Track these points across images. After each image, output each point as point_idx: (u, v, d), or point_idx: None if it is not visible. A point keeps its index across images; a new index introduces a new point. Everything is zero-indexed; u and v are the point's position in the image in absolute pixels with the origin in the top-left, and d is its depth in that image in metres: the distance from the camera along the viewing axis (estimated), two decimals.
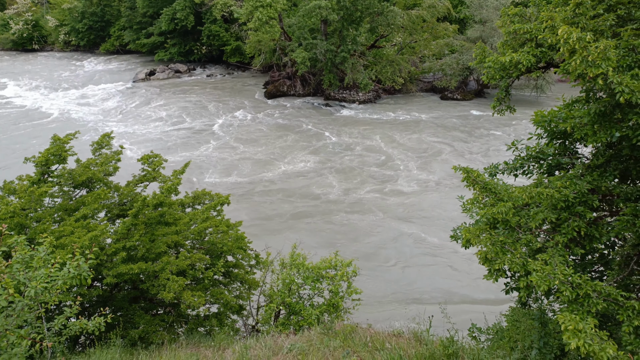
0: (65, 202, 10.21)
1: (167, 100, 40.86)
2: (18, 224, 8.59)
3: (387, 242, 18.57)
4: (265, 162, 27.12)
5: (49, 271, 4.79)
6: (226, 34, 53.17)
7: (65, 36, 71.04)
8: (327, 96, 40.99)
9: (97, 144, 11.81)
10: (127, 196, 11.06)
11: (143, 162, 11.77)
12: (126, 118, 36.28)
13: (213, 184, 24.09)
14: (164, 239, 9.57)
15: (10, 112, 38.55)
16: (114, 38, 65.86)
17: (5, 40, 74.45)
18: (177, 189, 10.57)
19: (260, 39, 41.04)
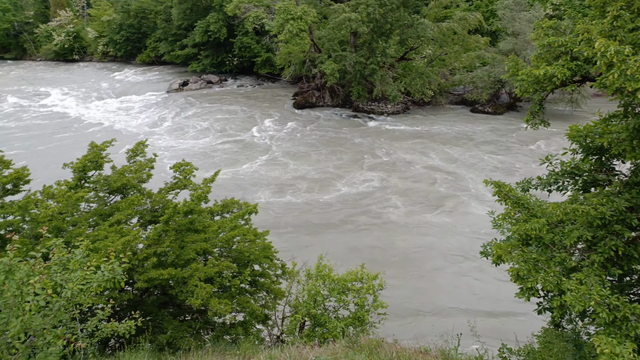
0: (100, 207, 10.55)
1: (201, 110, 41.78)
2: (56, 227, 8.92)
3: (414, 254, 18.33)
4: (319, 180, 25.86)
5: (84, 274, 4.95)
6: (257, 45, 54.16)
7: (103, 47, 73.87)
8: (356, 107, 41.08)
9: (132, 151, 12.17)
10: (159, 203, 11.33)
11: (175, 170, 12.04)
12: (163, 128, 37.19)
13: (267, 204, 22.88)
14: (193, 246, 9.74)
15: (51, 119, 40.23)
16: (150, 49, 68.01)
17: (48, 51, 78.01)
18: (207, 197, 10.76)
19: (290, 51, 41.62)
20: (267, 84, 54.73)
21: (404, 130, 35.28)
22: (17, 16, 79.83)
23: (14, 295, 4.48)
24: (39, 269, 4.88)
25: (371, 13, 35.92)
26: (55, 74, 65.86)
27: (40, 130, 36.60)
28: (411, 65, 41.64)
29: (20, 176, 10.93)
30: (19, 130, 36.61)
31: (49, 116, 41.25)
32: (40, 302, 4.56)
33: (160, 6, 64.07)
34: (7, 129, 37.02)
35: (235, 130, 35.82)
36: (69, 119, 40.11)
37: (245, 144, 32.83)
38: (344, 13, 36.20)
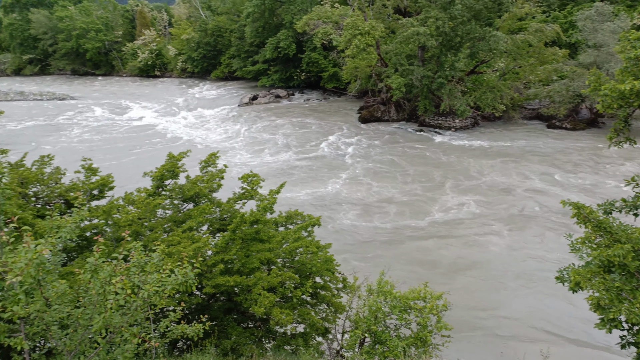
0: (175, 214, 11.19)
1: (270, 124, 43.14)
2: (135, 231, 9.58)
3: (484, 273, 17.53)
4: (408, 204, 24.17)
5: (160, 276, 5.27)
6: (324, 60, 55.19)
7: (182, 64, 78.92)
8: (422, 122, 40.39)
9: (205, 162, 12.82)
10: (227, 212, 11.81)
11: (243, 180, 12.50)
12: (236, 141, 38.73)
13: (353, 227, 21.64)
14: (258, 255, 10.01)
15: (133, 131, 43.45)
16: (224, 66, 71.66)
17: (133, 68, 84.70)
18: (272, 208, 11.04)
19: (356, 66, 41.94)
20: (333, 98, 55.41)
21: (480, 147, 33.78)
22: (108, 36, 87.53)
23: (98, 293, 4.86)
24: (120, 270, 5.25)
25: (440, 27, 35.35)
26: (138, 89, 71.27)
27: (124, 142, 39.60)
28: (482, 79, 40.30)
29: (106, 183, 11.90)
30: (106, 141, 39.86)
31: (132, 128, 44.56)
32: (120, 301, 4.91)
33: (235, 25, 67.43)
34: (96, 140, 40.46)
35: (306, 145, 35.97)
36: (149, 131, 43.07)
37: (320, 160, 32.32)
38: (412, 27, 35.95)
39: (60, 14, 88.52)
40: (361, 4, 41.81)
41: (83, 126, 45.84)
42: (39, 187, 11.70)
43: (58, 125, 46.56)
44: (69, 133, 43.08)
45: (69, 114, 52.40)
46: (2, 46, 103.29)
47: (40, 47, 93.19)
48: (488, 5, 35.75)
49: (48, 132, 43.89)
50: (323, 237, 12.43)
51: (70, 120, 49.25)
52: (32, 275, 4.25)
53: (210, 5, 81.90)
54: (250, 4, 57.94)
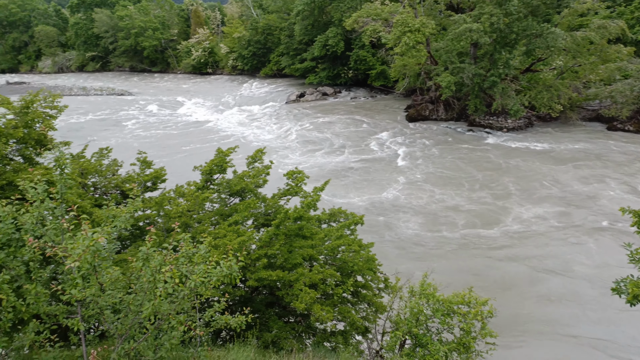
0: (222, 207, 11.50)
1: (317, 121, 43.36)
2: (184, 223, 9.94)
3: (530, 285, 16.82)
4: (478, 214, 22.40)
5: (206, 267, 5.45)
6: (372, 58, 54.75)
7: (233, 61, 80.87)
8: (472, 122, 39.21)
9: (252, 158, 13.07)
10: (272, 207, 12.00)
11: (288, 177, 12.64)
12: (285, 138, 39.25)
13: (418, 237, 20.26)
14: (301, 252, 10.11)
15: (185, 126, 45.03)
16: (273, 63, 72.79)
17: (187, 65, 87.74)
18: (316, 205, 11.11)
19: (405, 63, 41.31)
20: (380, 96, 54.89)
21: (543, 150, 31.78)
22: (164, 34, 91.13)
23: (148, 281, 5.09)
24: (170, 259, 5.47)
25: (495, 23, 34.12)
26: (191, 86, 73.77)
27: (176, 136, 41.13)
28: (538, 78, 38.54)
29: (159, 175, 12.41)
30: (159, 136, 41.57)
31: (184, 124, 46.20)
32: (168, 290, 5.12)
33: (285, 23, 68.25)
34: (150, 134, 42.27)
35: (357, 145, 35.27)
36: (200, 127, 44.49)
37: (373, 162, 31.08)
38: (464, 24, 34.93)
39: (121, 13, 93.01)
40: (412, 0, 41.10)
41: (139, 121, 48.02)
42: (97, 178, 12.37)
43: (116, 120, 49.05)
44: (126, 127, 45.28)
45: (126, 109, 55.07)
46: (67, 44, 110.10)
47: (102, 45, 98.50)
48: (547, 1, 34.12)
49: (107, 125, 46.34)
50: (383, 247, 12.00)
51: (127, 115, 51.76)
52: (88, 261, 4.51)
53: (261, 4, 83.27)
54: (300, 2, 58.39)
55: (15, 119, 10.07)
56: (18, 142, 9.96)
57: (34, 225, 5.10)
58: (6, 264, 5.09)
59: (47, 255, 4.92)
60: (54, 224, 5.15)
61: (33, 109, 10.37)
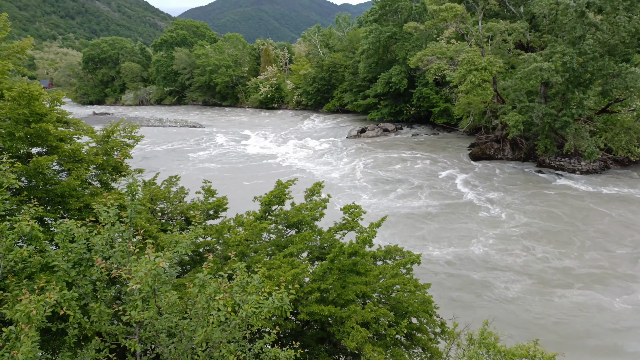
0: (278, 239, 11.66)
1: (379, 157, 43.28)
2: (241, 252, 10.16)
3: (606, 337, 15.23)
4: (594, 278, 19.17)
5: (258, 298, 5.49)
6: (436, 96, 54.40)
7: (298, 97, 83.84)
8: (541, 162, 37.32)
9: (310, 191, 13.25)
10: (327, 241, 11.98)
11: (345, 211, 12.64)
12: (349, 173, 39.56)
13: (521, 300, 17.69)
14: (354, 288, 9.94)
15: (250, 158, 46.75)
16: (336, 99, 74.53)
17: (254, 100, 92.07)
18: (371, 241, 10.96)
19: (470, 101, 40.55)
20: (442, 134, 54.01)
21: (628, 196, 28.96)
22: (236, 71, 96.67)
23: (203, 307, 5.21)
24: (224, 287, 5.58)
25: (567, 62, 32.80)
26: (258, 119, 77.02)
27: (241, 166, 42.74)
28: (615, 119, 36.21)
29: (221, 204, 12.88)
30: (225, 165, 43.40)
31: (249, 156, 48.02)
32: (221, 318, 5.20)
33: (349, 61, 70.09)
34: (216, 164, 44.26)
35: (424, 184, 33.96)
36: (263, 159, 46.00)
37: (448, 207, 28.59)
38: (534, 62, 33.90)
39: (198, 52, 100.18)
40: (479, 39, 40.70)
41: (207, 152, 50.56)
42: (165, 204, 13.07)
43: (187, 150, 51.99)
44: (195, 157, 47.80)
45: (197, 140, 58.29)
46: (149, 79, 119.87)
47: (179, 80, 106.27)
48: (625, 40, 32.37)
49: (178, 155, 49.21)
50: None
51: (197, 145, 54.72)
52: (149, 284, 4.72)
53: (328, 43, 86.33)
54: (366, 41, 59.80)
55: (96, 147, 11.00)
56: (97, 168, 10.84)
57: (103, 247, 5.45)
58: (76, 281, 5.45)
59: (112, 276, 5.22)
60: (122, 246, 5.47)
61: (113, 138, 11.29)
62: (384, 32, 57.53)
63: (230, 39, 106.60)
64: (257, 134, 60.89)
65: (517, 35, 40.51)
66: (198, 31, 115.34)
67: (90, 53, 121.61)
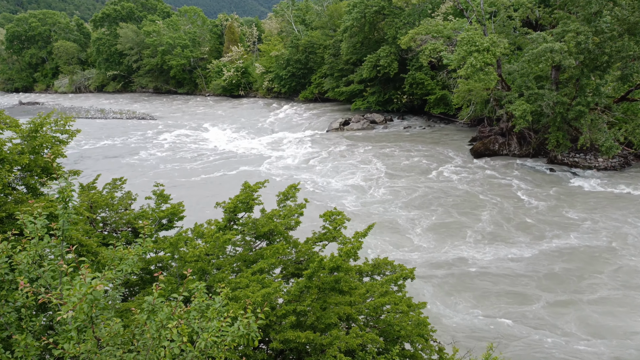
0: (246, 252, 11.59)
1: (366, 154, 43.53)
2: (200, 269, 10.05)
3: None
4: None
5: (220, 324, 5.42)
6: (431, 82, 55.04)
7: (268, 83, 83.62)
8: (552, 159, 38.15)
9: (283, 195, 13.22)
10: (305, 254, 11.97)
11: (325, 219, 12.65)
12: (325, 172, 39.76)
13: None
14: (336, 309, 9.95)
15: (211, 156, 46.38)
16: (314, 86, 74.67)
17: (216, 87, 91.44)
18: (356, 254, 11.00)
19: (471, 88, 41.16)
20: (439, 126, 54.70)
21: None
22: (194, 52, 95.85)
23: (153, 337, 5.11)
24: (179, 312, 5.49)
25: (582, 42, 33.63)
26: (220, 110, 76.55)
27: (199, 167, 42.38)
28: (636, 108, 37.28)
29: (176, 212, 12.74)
30: (181, 166, 42.98)
31: (209, 153, 47.64)
32: (175, 350, 5.11)
33: (330, 40, 70.23)
34: (170, 164, 43.80)
35: (417, 184, 34.41)
36: (227, 157, 45.70)
37: (447, 211, 28.69)
38: (544, 43, 34.65)
39: (148, 29, 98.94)
40: (480, 16, 41.36)
41: (160, 149, 49.97)
42: (107, 213, 12.84)
43: (135, 147, 51.28)
44: (145, 155, 47.18)
45: (147, 135, 57.56)
46: (88, 62, 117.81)
47: (125, 63, 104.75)
48: None
49: (124, 152, 48.50)
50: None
51: (147, 141, 54.03)
52: (85, 311, 4.60)
53: (304, 19, 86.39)
54: (349, 17, 60.11)
55: (22, 144, 10.71)
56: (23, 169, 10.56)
57: (29, 266, 5.30)
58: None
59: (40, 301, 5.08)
60: (52, 264, 5.33)
61: (42, 132, 11.01)
62: (370, 7, 57.92)
63: (187, 13, 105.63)
64: (220, 128, 60.54)
65: (524, 11, 41.33)
66: (148, 3, 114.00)
67: (15, 30, 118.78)
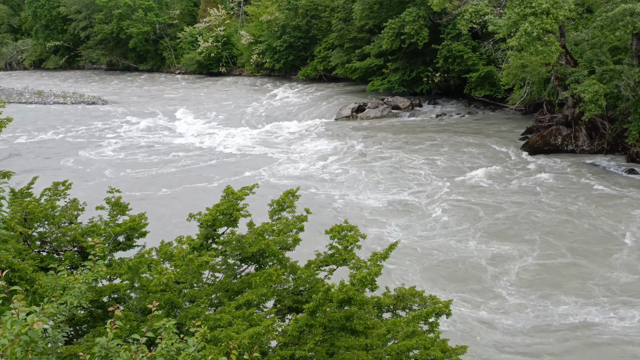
0: (228, 279, 11.57)
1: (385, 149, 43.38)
2: (169, 301, 10.04)
3: None
4: None
5: None
6: (473, 55, 54.95)
7: (258, 57, 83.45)
8: (633, 156, 38.03)
9: (278, 204, 13.17)
10: (306, 282, 11.95)
11: (333, 235, 12.60)
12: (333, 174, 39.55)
13: None
14: (347, 355, 9.92)
15: (183, 152, 46.41)
16: (318, 61, 74.51)
17: (189, 61, 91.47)
18: (374, 282, 10.96)
19: (525, 63, 41.06)
20: (483, 113, 54.67)
21: None
22: (160, 17, 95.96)
23: None
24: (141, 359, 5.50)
25: None
26: (195, 92, 76.73)
27: (168, 167, 42.41)
28: None
29: (136, 226, 12.73)
30: (144, 166, 43.01)
31: (180, 149, 47.71)
32: None
33: (339, 0, 69.89)
34: (130, 163, 43.82)
35: (452, 192, 33.55)
36: (203, 154, 45.74)
37: (493, 229, 27.68)
38: (622, 4, 34.63)
39: None
40: None
41: (116, 144, 50.05)
42: (47, 227, 12.84)
43: (82, 141, 51.37)
44: (96, 152, 47.26)
45: (99, 125, 57.69)
46: (21, 30, 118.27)
47: (70, 31, 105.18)
48: None
49: (68, 148, 48.59)
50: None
51: (99, 134, 54.17)
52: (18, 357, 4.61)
53: None
54: None
55: None
56: None
57: None
58: None
59: None
60: None
61: None
62: None
63: None
64: (194, 117, 60.64)
65: None
66: None
67: None
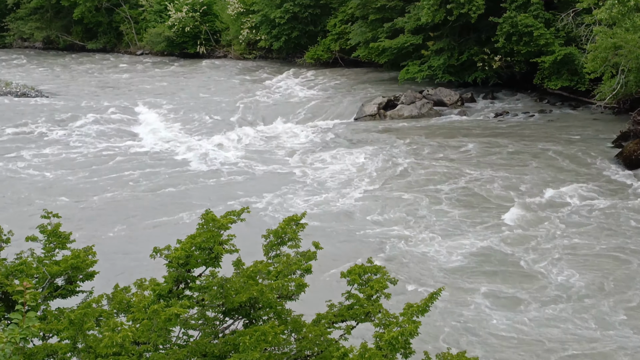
0: (207, 339, 11.56)
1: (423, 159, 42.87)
2: None
3: None
4: None
5: None
6: (546, 32, 54.81)
7: (250, 33, 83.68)
8: None
9: (276, 235, 13.18)
10: (313, 344, 11.93)
11: (351, 279, 12.55)
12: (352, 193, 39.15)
13: None
14: None
15: (144, 163, 46.51)
16: (331, 38, 74.53)
17: (156, 38, 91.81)
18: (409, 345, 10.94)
19: (618, 43, 41.12)
20: (559, 112, 54.49)
21: None
22: None
23: None
24: None
25: None
26: (162, 80, 76.96)
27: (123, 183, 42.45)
28: None
29: (81, 265, 12.74)
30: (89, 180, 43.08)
31: (140, 157, 47.80)
32: None
33: None
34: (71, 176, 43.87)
35: (517, 220, 32.73)
36: (172, 166, 45.76)
37: (575, 274, 26.79)
38: None
39: None
40: None
41: (53, 150, 50.20)
42: None
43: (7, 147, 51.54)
44: (26, 162, 47.38)
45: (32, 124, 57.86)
46: None
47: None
48: None
49: None
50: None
51: (31, 136, 54.35)
52: None
53: None
54: None
55: None
56: None
57: None
58: None
59: None
60: None
61: None
62: None
63: None
64: (161, 114, 60.79)
65: None
66: None
67: None
